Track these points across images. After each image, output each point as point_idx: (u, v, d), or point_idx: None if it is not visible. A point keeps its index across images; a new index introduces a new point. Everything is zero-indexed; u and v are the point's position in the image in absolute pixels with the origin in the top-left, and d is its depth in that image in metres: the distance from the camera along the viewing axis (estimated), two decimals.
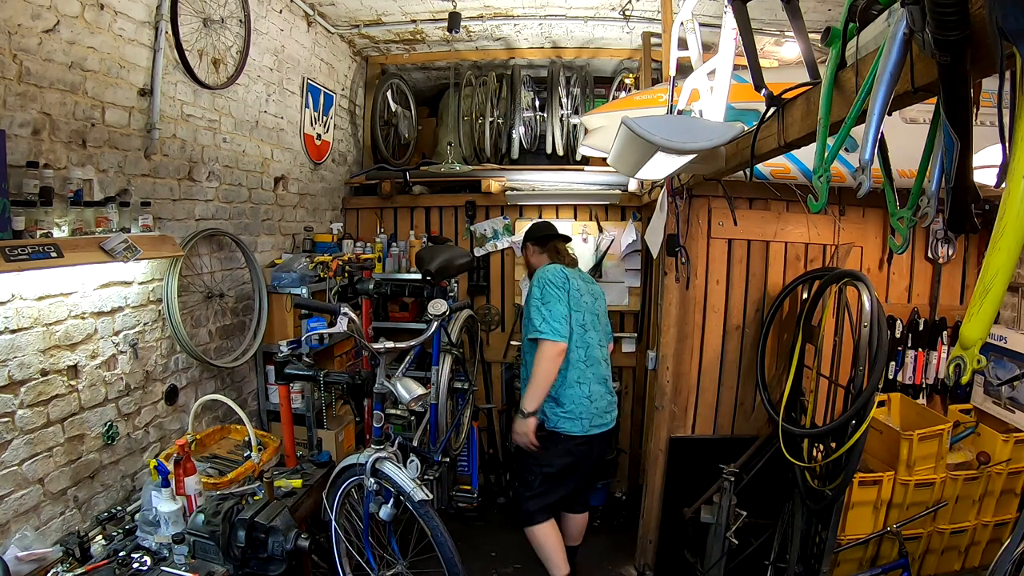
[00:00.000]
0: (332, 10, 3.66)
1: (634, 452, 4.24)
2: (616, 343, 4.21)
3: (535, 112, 4.53)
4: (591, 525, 3.97)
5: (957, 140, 0.89)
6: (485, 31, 4.07)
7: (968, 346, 0.81)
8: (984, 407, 2.87)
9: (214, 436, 2.64)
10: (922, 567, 2.79)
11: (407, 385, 2.31)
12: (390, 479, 2.25)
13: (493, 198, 4.14)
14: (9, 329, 1.77)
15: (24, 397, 1.82)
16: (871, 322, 2.33)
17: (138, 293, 2.30)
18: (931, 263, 3.12)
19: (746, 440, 3.03)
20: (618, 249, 4.07)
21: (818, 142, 1.31)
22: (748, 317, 3.09)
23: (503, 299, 4.31)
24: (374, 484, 2.28)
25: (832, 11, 3.22)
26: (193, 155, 2.62)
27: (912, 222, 1.12)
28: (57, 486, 1.95)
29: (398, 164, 4.41)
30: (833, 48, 1.24)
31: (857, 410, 2.30)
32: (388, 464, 2.28)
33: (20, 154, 1.79)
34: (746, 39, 1.59)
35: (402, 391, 2.28)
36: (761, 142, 1.67)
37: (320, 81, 3.78)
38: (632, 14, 3.65)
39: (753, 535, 2.89)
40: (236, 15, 2.79)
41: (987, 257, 0.79)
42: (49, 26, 1.86)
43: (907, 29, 0.92)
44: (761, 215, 3.03)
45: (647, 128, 1.64)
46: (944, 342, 3.05)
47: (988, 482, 2.67)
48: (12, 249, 1.62)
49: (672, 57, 2.37)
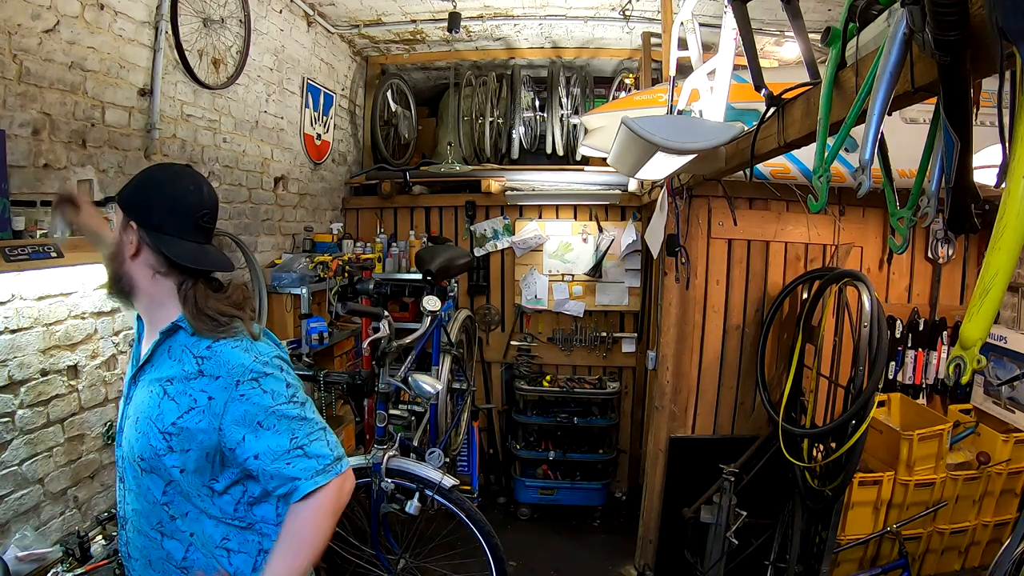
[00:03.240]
0: (332, 10, 3.66)
1: (634, 452, 4.24)
2: (616, 343, 4.22)
3: (535, 112, 4.53)
4: (591, 525, 3.99)
5: (957, 140, 0.89)
6: (485, 31, 4.07)
7: (968, 346, 0.81)
8: (984, 407, 2.87)
9: None
10: (922, 567, 2.79)
11: (426, 380, 2.37)
12: (412, 474, 2.28)
13: (493, 198, 4.14)
14: (9, 329, 1.77)
15: (24, 397, 1.82)
16: (871, 322, 2.34)
17: None
18: (931, 263, 3.12)
19: (746, 440, 3.03)
20: (618, 249, 4.08)
21: (818, 142, 1.31)
22: (748, 317, 3.09)
23: (503, 299, 4.31)
24: (391, 484, 2.29)
25: (832, 11, 3.21)
26: (193, 155, 2.62)
27: (912, 222, 1.12)
28: (57, 486, 1.95)
29: (398, 164, 4.41)
30: (833, 48, 1.24)
31: (857, 410, 2.30)
32: (405, 461, 2.30)
33: (20, 154, 1.79)
34: (746, 39, 1.59)
35: (425, 387, 2.35)
36: (761, 142, 1.67)
37: (320, 81, 3.78)
38: (632, 14, 3.65)
39: (753, 535, 2.89)
40: (236, 15, 2.79)
41: (987, 257, 0.79)
42: (49, 26, 1.86)
43: (907, 29, 0.92)
44: (761, 215, 3.03)
45: (647, 128, 1.64)
46: (944, 342, 3.05)
47: (988, 482, 2.67)
48: (12, 249, 1.62)
49: (672, 57, 2.37)
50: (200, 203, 1.24)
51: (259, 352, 1.21)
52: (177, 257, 1.20)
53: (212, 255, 1.27)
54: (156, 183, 1.24)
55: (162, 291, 1.23)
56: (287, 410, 1.18)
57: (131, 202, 1.23)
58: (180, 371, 1.18)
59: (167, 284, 1.23)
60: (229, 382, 1.15)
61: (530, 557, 3.18)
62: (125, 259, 1.22)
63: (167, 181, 1.25)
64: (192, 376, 1.17)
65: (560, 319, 4.25)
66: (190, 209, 1.22)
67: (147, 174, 1.27)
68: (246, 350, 1.19)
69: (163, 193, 1.22)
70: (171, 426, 1.15)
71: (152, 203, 1.21)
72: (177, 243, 1.20)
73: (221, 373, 1.16)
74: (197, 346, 1.19)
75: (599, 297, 4.17)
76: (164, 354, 1.23)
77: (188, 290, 1.22)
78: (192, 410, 1.16)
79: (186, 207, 1.22)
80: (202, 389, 1.16)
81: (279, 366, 1.23)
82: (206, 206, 1.25)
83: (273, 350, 1.25)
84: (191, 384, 1.16)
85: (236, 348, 1.19)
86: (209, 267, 1.26)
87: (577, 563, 3.51)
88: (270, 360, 1.21)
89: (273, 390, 1.18)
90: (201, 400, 1.16)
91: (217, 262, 1.28)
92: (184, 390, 1.17)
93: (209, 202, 1.26)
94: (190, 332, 1.20)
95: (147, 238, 1.19)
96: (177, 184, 1.24)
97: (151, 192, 1.23)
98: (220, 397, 1.15)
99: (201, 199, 1.25)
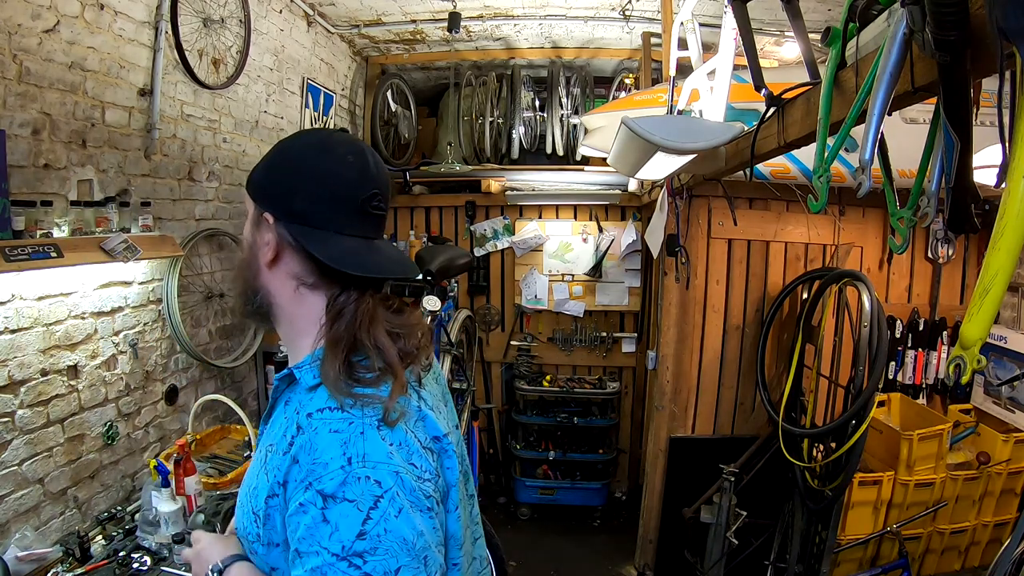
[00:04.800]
0: (332, 10, 3.66)
1: (634, 452, 4.24)
2: (616, 343, 4.22)
3: (535, 112, 4.53)
4: (591, 525, 3.99)
5: (957, 140, 0.89)
6: (485, 31, 4.07)
7: (968, 346, 0.81)
8: (984, 407, 2.87)
9: (214, 436, 2.64)
10: (922, 567, 2.79)
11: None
12: None
13: (493, 198, 4.14)
14: (9, 329, 1.77)
15: (24, 397, 1.82)
16: (871, 322, 2.34)
17: (138, 293, 2.30)
18: (931, 263, 3.12)
19: (746, 440, 3.03)
20: (618, 249, 4.08)
21: (818, 142, 1.31)
22: (748, 317, 3.09)
23: (503, 299, 4.31)
24: None
25: (832, 11, 3.21)
26: (193, 155, 2.62)
27: (912, 222, 1.12)
28: (57, 486, 1.95)
29: (398, 164, 4.40)
30: (833, 48, 1.24)
31: (857, 410, 2.30)
32: None
33: (20, 154, 1.79)
34: (746, 39, 1.59)
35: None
36: (761, 142, 1.67)
37: (320, 81, 3.78)
38: (632, 14, 3.65)
39: (753, 535, 2.89)
40: (236, 15, 2.79)
41: (987, 257, 0.79)
42: (49, 26, 1.86)
43: (907, 29, 0.92)
44: (761, 215, 3.03)
45: (647, 128, 1.65)
46: (944, 342, 3.05)
47: (988, 482, 2.67)
48: (12, 249, 1.62)
49: (672, 57, 2.37)
50: (364, 179, 0.84)
51: (365, 451, 0.73)
52: (331, 260, 0.81)
53: (385, 256, 0.86)
54: (298, 157, 0.85)
55: (306, 313, 0.85)
56: (331, 568, 0.69)
57: (263, 186, 0.87)
58: (281, 437, 0.81)
59: (314, 302, 0.84)
60: (301, 478, 0.74)
61: (530, 557, 3.18)
62: (260, 267, 0.86)
63: (315, 152, 0.85)
64: (284, 450, 0.78)
65: (560, 319, 4.25)
66: (349, 188, 0.83)
67: (284, 144, 0.89)
68: (346, 442, 0.74)
69: (309, 169, 0.83)
70: (262, 506, 0.80)
71: (294, 184, 0.83)
72: (333, 240, 0.82)
73: (302, 460, 0.75)
74: (310, 404, 0.79)
75: (599, 297, 4.17)
76: (281, 407, 0.87)
77: (342, 307, 0.82)
78: (275, 496, 0.79)
79: (343, 186, 0.83)
80: (285, 471, 0.77)
81: (389, 493, 0.72)
82: (375, 183, 0.84)
83: (404, 454, 0.76)
84: (283, 459, 0.78)
85: (336, 434, 0.75)
86: (379, 273, 0.84)
87: (577, 563, 3.51)
88: (374, 472, 0.72)
89: (337, 524, 0.71)
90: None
91: (391, 266, 0.86)
92: (278, 465, 0.79)
93: (378, 178, 0.85)
94: (311, 381, 0.81)
95: (289, 235, 0.83)
96: (330, 155, 0.84)
97: (292, 170, 0.84)
98: (290, 490, 0.76)
99: (366, 173, 0.84)
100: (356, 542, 0.70)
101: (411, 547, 0.71)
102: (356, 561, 0.69)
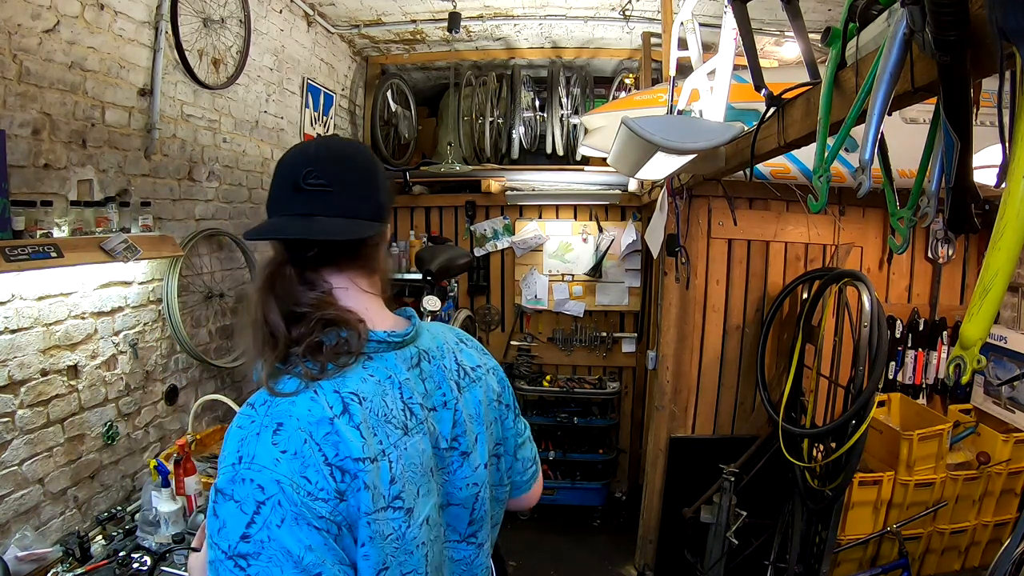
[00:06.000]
0: (332, 10, 3.66)
1: (634, 452, 4.24)
2: (616, 343, 4.22)
3: (535, 112, 4.54)
4: (591, 525, 3.99)
5: (957, 140, 0.89)
6: (485, 31, 4.07)
7: (968, 346, 0.81)
8: (984, 407, 2.87)
9: (214, 436, 2.64)
10: (922, 567, 2.79)
11: None
12: None
13: (493, 198, 4.14)
14: (9, 329, 1.77)
15: (24, 397, 1.82)
16: (871, 322, 2.34)
17: (138, 293, 2.30)
18: (931, 263, 3.12)
19: (746, 440, 3.03)
20: (618, 249, 4.08)
21: (818, 142, 1.31)
22: (748, 317, 3.09)
23: (503, 299, 4.31)
24: None
25: (832, 11, 3.21)
26: (193, 155, 2.62)
27: (912, 222, 1.12)
28: (57, 486, 1.95)
29: (398, 164, 4.41)
30: (833, 48, 1.24)
31: (857, 410, 2.30)
32: None
33: (20, 154, 1.79)
34: (746, 39, 1.59)
35: None
36: (761, 142, 1.67)
37: (320, 81, 3.78)
38: (632, 14, 3.65)
39: (753, 535, 2.89)
40: (236, 15, 2.79)
41: (987, 257, 0.79)
42: (49, 26, 1.86)
43: (907, 29, 0.92)
44: (761, 215, 3.03)
45: (647, 128, 1.65)
46: (944, 342, 3.05)
47: (988, 482, 2.67)
48: (12, 249, 1.62)
49: (672, 57, 2.37)
50: (302, 158, 0.86)
51: (255, 453, 0.72)
52: (245, 235, 0.87)
53: (303, 224, 0.83)
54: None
55: None
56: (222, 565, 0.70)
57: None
58: None
59: None
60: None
61: (530, 557, 3.18)
62: None
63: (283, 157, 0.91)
64: None
65: (560, 319, 4.25)
66: (285, 169, 0.87)
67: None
68: (243, 439, 0.73)
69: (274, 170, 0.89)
70: None
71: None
72: (266, 222, 0.86)
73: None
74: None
75: (599, 297, 4.17)
76: None
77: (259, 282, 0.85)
78: None
79: (281, 169, 0.87)
80: None
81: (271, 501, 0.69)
82: (311, 162, 0.85)
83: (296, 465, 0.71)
84: None
85: (239, 430, 0.75)
86: (274, 236, 0.85)
87: (577, 563, 3.51)
88: (258, 476, 0.70)
89: (225, 522, 0.70)
90: None
91: (299, 229, 0.83)
92: None
93: (316, 156, 0.86)
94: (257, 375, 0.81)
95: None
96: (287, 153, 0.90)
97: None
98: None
99: (305, 154, 0.87)
100: (240, 543, 0.69)
101: (297, 561, 0.69)
102: (241, 563, 0.69)
